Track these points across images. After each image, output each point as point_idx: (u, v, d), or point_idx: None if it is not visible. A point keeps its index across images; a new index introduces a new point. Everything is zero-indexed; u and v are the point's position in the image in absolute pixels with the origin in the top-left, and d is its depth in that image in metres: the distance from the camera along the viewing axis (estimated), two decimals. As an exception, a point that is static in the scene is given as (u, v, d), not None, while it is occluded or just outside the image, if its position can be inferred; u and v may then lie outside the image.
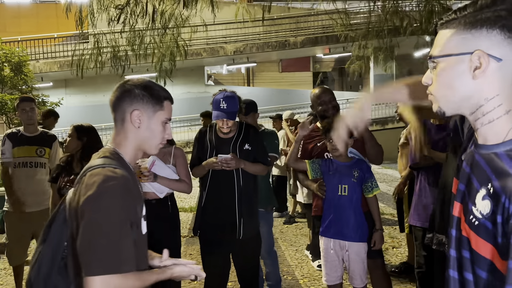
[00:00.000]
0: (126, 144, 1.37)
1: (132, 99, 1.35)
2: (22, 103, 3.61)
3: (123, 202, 1.21)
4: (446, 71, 0.94)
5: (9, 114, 10.51)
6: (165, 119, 1.39)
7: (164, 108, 1.38)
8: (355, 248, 2.66)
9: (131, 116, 1.34)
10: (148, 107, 1.35)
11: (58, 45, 17.96)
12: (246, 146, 2.78)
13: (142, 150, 1.39)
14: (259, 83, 24.02)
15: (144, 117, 1.35)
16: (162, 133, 1.39)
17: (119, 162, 1.31)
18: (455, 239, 0.98)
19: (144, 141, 1.37)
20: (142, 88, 1.36)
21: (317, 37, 17.25)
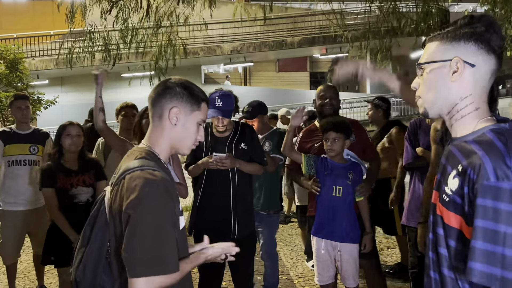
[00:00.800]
0: (161, 142, 1.39)
1: (172, 97, 1.38)
2: (17, 101, 3.59)
3: (164, 204, 1.24)
4: (430, 75, 1.12)
5: (4, 111, 10.45)
6: (201, 120, 1.42)
7: (201, 109, 1.42)
8: (347, 248, 2.66)
9: (169, 112, 1.37)
10: (187, 106, 1.39)
11: (54, 43, 17.87)
12: (242, 146, 2.77)
13: (176, 149, 1.42)
14: (256, 82, 24.01)
15: (182, 115, 1.38)
16: (196, 134, 1.42)
17: (156, 163, 1.33)
18: (431, 223, 1.13)
19: (178, 139, 1.40)
20: (183, 87, 1.40)
21: (314, 37, 17.25)
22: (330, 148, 2.67)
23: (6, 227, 3.55)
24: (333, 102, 2.94)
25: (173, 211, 1.29)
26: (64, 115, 15.76)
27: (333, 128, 2.64)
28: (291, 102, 18.32)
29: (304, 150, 2.97)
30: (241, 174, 2.76)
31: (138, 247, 1.18)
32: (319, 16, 16.79)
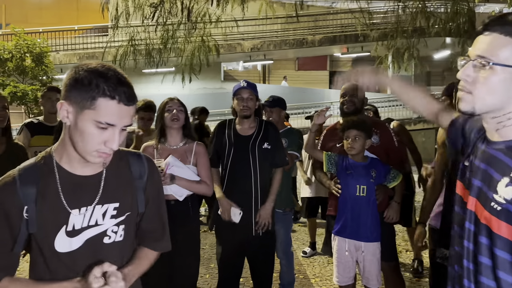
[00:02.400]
0: (63, 142, 1.19)
1: (66, 87, 1.12)
2: (49, 92, 3.68)
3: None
4: (497, 77, 0.99)
5: (29, 104, 10.71)
6: (97, 122, 1.09)
7: (95, 107, 1.08)
8: (370, 248, 2.63)
9: (58, 106, 1.14)
10: (76, 100, 1.10)
11: (78, 37, 18.20)
12: (265, 145, 2.75)
13: (79, 154, 1.16)
14: (275, 80, 23.97)
15: (71, 112, 1.12)
16: (96, 139, 1.11)
17: (41, 164, 1.19)
18: (468, 231, 1.07)
19: (75, 142, 1.14)
20: (81, 75, 1.10)
21: (336, 36, 17.11)
22: (350, 146, 2.64)
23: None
24: (354, 99, 2.89)
25: (13, 211, 1.15)
26: (86, 109, 16.05)
27: (353, 126, 2.63)
28: (309, 101, 18.23)
29: (326, 148, 2.94)
30: (263, 172, 2.75)
31: None
32: (341, 15, 16.65)
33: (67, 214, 1.19)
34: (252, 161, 2.72)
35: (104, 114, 1.09)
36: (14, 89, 10.53)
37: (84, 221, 1.21)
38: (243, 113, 2.75)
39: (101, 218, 1.23)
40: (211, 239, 5.25)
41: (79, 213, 1.19)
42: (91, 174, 1.22)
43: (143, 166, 1.32)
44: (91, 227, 1.22)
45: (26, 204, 1.15)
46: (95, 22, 19.18)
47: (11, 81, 10.92)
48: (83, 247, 1.21)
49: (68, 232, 1.19)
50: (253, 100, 2.76)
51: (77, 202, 1.20)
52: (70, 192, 1.19)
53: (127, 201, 1.27)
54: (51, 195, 1.17)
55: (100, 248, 1.23)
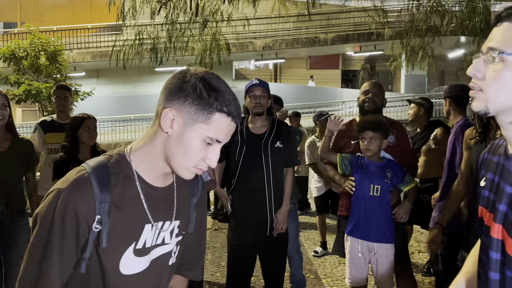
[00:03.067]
0: (147, 150, 1.06)
1: (175, 93, 1.00)
2: (57, 90, 3.75)
3: (65, 208, 0.99)
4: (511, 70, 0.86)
5: (44, 102, 10.84)
6: (208, 138, 1.00)
7: (211, 122, 0.99)
8: (383, 250, 2.59)
9: (161, 114, 1.01)
10: (189, 111, 0.99)
11: (91, 36, 18.38)
12: (278, 144, 2.74)
13: (171, 166, 1.05)
14: (287, 79, 23.91)
15: (178, 123, 1.00)
16: (200, 154, 1.01)
17: (114, 168, 1.04)
18: (495, 261, 0.93)
19: (172, 154, 1.02)
20: (198, 85, 0.99)
21: (349, 35, 16.99)
22: (366, 148, 2.61)
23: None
24: (376, 99, 2.85)
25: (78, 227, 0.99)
26: (99, 107, 16.26)
27: (369, 127, 2.59)
28: (321, 100, 18.16)
29: (340, 145, 2.91)
30: (275, 170, 2.73)
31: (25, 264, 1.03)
32: (354, 13, 16.52)
33: (141, 229, 1.05)
34: (265, 160, 2.71)
35: (217, 130, 1.00)
36: (29, 87, 10.67)
37: (154, 239, 1.08)
38: (255, 110, 2.74)
39: (168, 236, 1.11)
40: (222, 238, 5.26)
41: (152, 229, 1.07)
42: (163, 186, 1.11)
43: (197, 183, 1.22)
44: (158, 246, 1.10)
45: (99, 213, 0.99)
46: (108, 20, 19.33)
47: (26, 79, 11.06)
48: (149, 269, 1.09)
49: (137, 250, 1.05)
50: (266, 97, 2.75)
51: (155, 215, 1.07)
52: (150, 203, 1.06)
53: (186, 219, 1.17)
54: (131, 204, 1.04)
55: (165, 270, 1.13)
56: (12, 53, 11.05)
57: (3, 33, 20.00)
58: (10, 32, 18.80)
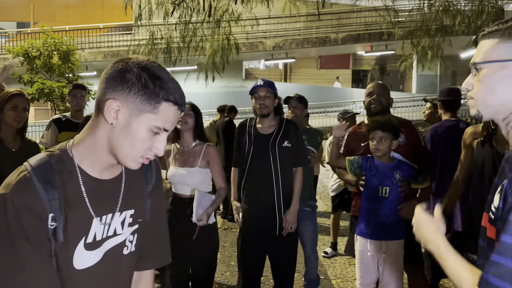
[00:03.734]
0: (90, 142, 1.04)
1: (118, 83, 0.98)
2: (74, 90, 3.78)
3: (11, 212, 0.95)
4: (489, 76, 1.02)
5: (56, 100, 10.97)
6: (155, 127, 1.00)
7: (158, 111, 0.99)
8: (393, 248, 2.57)
9: (105, 105, 0.99)
10: (135, 101, 0.98)
11: (103, 36, 18.54)
12: (286, 143, 2.74)
13: (117, 158, 1.04)
14: (296, 79, 23.88)
15: (124, 114, 0.99)
16: (146, 144, 1.01)
17: (56, 164, 1.02)
18: (480, 248, 1.06)
19: (117, 145, 1.01)
20: (141, 75, 0.98)
21: (360, 34, 16.91)
22: (376, 148, 2.59)
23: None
24: (381, 99, 2.83)
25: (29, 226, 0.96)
26: (110, 106, 16.37)
27: (379, 127, 2.57)
28: (332, 100, 18.10)
29: (351, 148, 2.91)
30: (284, 170, 2.74)
31: None
32: (365, 13, 16.42)
33: (89, 223, 1.05)
34: (273, 160, 2.71)
35: (165, 119, 1.00)
36: (42, 85, 10.80)
37: (104, 231, 1.08)
38: (260, 111, 2.75)
39: (120, 226, 1.11)
40: (231, 237, 5.27)
41: (100, 222, 1.06)
42: (110, 178, 1.10)
43: (151, 170, 1.20)
44: (109, 237, 1.09)
45: (51, 212, 0.98)
46: (119, 20, 19.49)
47: (39, 78, 11.21)
48: (103, 261, 1.08)
49: (87, 244, 1.05)
50: (271, 98, 2.74)
51: (100, 209, 1.06)
52: (93, 198, 1.05)
53: (140, 207, 1.16)
54: (75, 200, 1.02)
55: (120, 260, 1.12)
56: (25, 52, 11.20)
57: (17, 32, 20.29)
58: (23, 32, 19.05)
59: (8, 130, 2.54)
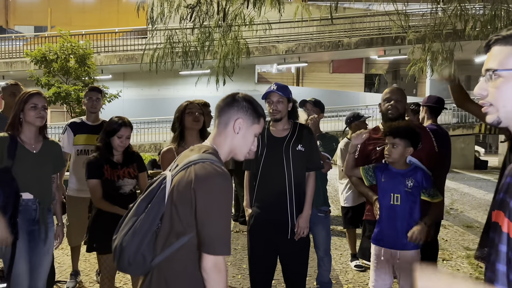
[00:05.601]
0: (223, 146, 1.59)
1: (239, 109, 1.59)
2: (90, 92, 3.84)
3: (231, 196, 1.47)
4: (508, 82, 1.03)
5: (72, 104, 11.15)
6: (257, 133, 1.62)
7: (260, 123, 1.63)
8: (408, 257, 2.55)
9: (235, 122, 1.57)
10: (249, 118, 1.60)
11: (118, 40, 18.80)
12: (299, 147, 2.75)
13: (233, 154, 1.61)
14: (309, 83, 23.86)
15: (244, 126, 1.58)
16: (252, 144, 1.62)
17: (219, 160, 1.52)
18: (503, 253, 1.00)
19: (238, 146, 1.59)
20: (248, 102, 1.62)
21: (372, 39, 16.84)
22: (387, 154, 2.59)
23: (72, 212, 3.79)
24: (398, 105, 2.83)
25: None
26: (125, 109, 16.58)
27: (392, 133, 2.56)
28: (344, 104, 18.03)
29: (365, 152, 2.90)
30: (296, 174, 2.74)
31: (218, 228, 1.40)
32: (378, 17, 16.37)
33: None
34: (286, 163, 2.73)
35: (259, 128, 1.63)
36: (58, 89, 10.98)
37: None
38: (273, 116, 2.77)
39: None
40: (243, 240, 5.30)
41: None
42: None
43: None
44: None
45: None
46: (134, 24, 19.76)
47: (56, 81, 11.40)
48: None
49: None
50: (283, 102, 2.75)
51: None
52: None
53: None
54: None
55: None
56: (43, 56, 11.41)
57: (34, 36, 20.70)
58: (41, 36, 19.43)
59: (30, 130, 2.60)
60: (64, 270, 4.25)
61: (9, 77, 15.76)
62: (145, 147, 16.34)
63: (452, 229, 6.34)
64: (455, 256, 4.96)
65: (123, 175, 2.93)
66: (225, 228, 1.41)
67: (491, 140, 32.73)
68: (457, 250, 5.21)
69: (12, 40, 19.76)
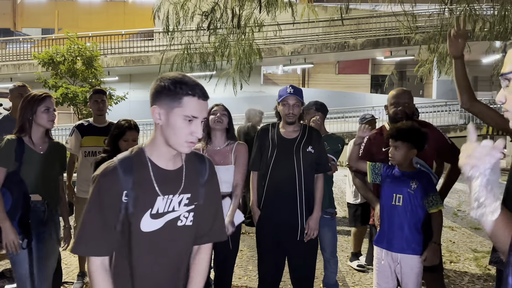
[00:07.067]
0: (154, 141, 1.43)
1: (154, 95, 1.39)
2: (94, 95, 3.85)
3: (94, 193, 1.38)
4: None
5: (79, 105, 11.21)
6: (185, 116, 1.35)
7: (182, 104, 1.35)
8: (408, 261, 2.53)
9: (152, 112, 1.39)
10: (166, 103, 1.36)
11: (125, 42, 18.90)
12: (309, 149, 2.75)
13: (172, 147, 1.41)
14: (314, 84, 23.83)
15: (163, 113, 1.37)
16: (186, 129, 1.37)
17: (134, 158, 1.42)
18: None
19: (168, 137, 1.39)
20: (165, 83, 1.37)
21: (379, 39, 16.79)
22: (390, 156, 2.57)
23: (80, 213, 3.81)
24: (407, 110, 2.80)
25: (113, 197, 1.38)
26: (132, 111, 16.63)
27: (393, 136, 2.54)
28: (350, 105, 17.98)
29: (371, 152, 2.89)
30: (306, 175, 2.74)
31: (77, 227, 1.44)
32: (384, 18, 16.31)
33: (154, 199, 1.42)
34: (296, 164, 2.73)
35: (189, 109, 1.36)
36: (66, 90, 11.05)
37: (165, 207, 1.44)
38: (288, 119, 2.77)
39: (177, 205, 1.46)
40: (249, 241, 5.30)
41: (162, 200, 1.43)
42: (173, 169, 1.47)
43: (205, 166, 1.57)
44: (169, 212, 1.45)
45: (125, 189, 1.38)
46: (140, 26, 19.87)
47: (63, 83, 11.48)
48: (163, 228, 1.44)
49: (152, 214, 1.42)
50: (299, 106, 2.76)
51: (164, 190, 1.43)
52: (159, 182, 1.43)
53: (195, 192, 1.51)
54: (145, 183, 1.41)
55: (175, 229, 1.47)
56: (50, 58, 11.50)
57: (42, 38, 20.87)
58: (48, 38, 19.58)
59: (38, 131, 2.62)
60: (71, 271, 4.27)
61: (17, 79, 15.90)
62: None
63: (460, 231, 6.29)
64: (463, 258, 4.92)
65: None
66: (83, 227, 1.39)
67: (498, 141, 32.39)
68: (464, 252, 5.17)
69: (20, 43, 19.95)
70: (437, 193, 2.57)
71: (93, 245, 1.38)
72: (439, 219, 2.56)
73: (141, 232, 1.40)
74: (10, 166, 2.49)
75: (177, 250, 1.49)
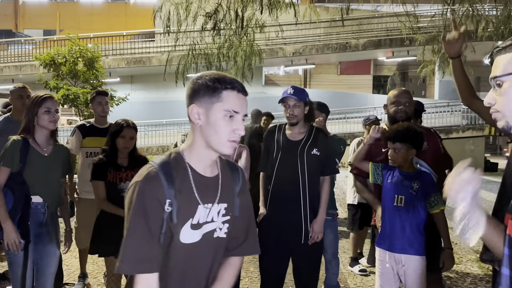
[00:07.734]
0: (192, 144, 1.32)
1: (190, 94, 1.30)
2: (98, 96, 3.84)
3: (139, 197, 1.23)
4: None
5: (80, 106, 11.23)
6: (226, 111, 1.25)
7: (222, 99, 1.26)
8: (411, 263, 2.51)
9: (189, 112, 1.29)
10: (205, 100, 1.27)
11: (126, 43, 18.92)
12: (314, 151, 2.73)
13: (213, 149, 1.30)
14: (316, 85, 23.81)
15: (202, 112, 1.27)
16: (227, 127, 1.26)
17: (173, 163, 1.30)
18: (507, 256, 1.02)
19: (208, 137, 1.28)
20: (201, 81, 1.29)
21: (380, 40, 16.77)
22: (390, 158, 2.57)
23: (81, 214, 3.80)
24: (407, 109, 2.78)
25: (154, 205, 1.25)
26: (133, 112, 16.68)
27: (390, 139, 2.53)
28: (352, 106, 17.97)
29: (372, 153, 2.88)
30: (311, 178, 2.73)
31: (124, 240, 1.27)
32: (386, 18, 16.29)
33: (195, 209, 1.31)
34: (300, 166, 2.71)
35: (229, 103, 1.26)
36: (67, 91, 11.07)
37: (205, 217, 1.33)
38: (289, 120, 2.76)
39: (216, 215, 1.36)
40: (250, 242, 5.28)
41: (204, 209, 1.32)
42: (211, 176, 1.36)
43: (238, 175, 1.47)
44: (208, 223, 1.35)
45: (168, 198, 1.25)
46: (142, 28, 19.89)
47: (64, 84, 11.50)
48: (201, 240, 1.33)
49: (193, 225, 1.31)
50: (300, 107, 2.74)
51: (204, 199, 1.32)
52: (199, 189, 1.32)
53: (231, 203, 1.41)
54: (186, 190, 1.29)
55: (211, 241, 1.37)
56: (52, 59, 11.51)
57: (43, 40, 20.91)
58: (50, 39, 19.62)
59: (42, 133, 2.62)
60: (72, 273, 4.26)
61: (19, 80, 15.91)
62: (153, 150, 16.41)
63: (462, 232, 6.26)
64: (465, 259, 4.90)
65: (125, 178, 2.93)
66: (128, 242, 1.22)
67: (501, 142, 32.42)
68: (467, 253, 5.15)
69: (21, 44, 20.00)
70: (439, 193, 2.53)
71: (145, 259, 1.21)
72: (443, 221, 2.53)
73: (180, 244, 1.29)
74: (14, 166, 2.49)
75: (209, 261, 1.39)
